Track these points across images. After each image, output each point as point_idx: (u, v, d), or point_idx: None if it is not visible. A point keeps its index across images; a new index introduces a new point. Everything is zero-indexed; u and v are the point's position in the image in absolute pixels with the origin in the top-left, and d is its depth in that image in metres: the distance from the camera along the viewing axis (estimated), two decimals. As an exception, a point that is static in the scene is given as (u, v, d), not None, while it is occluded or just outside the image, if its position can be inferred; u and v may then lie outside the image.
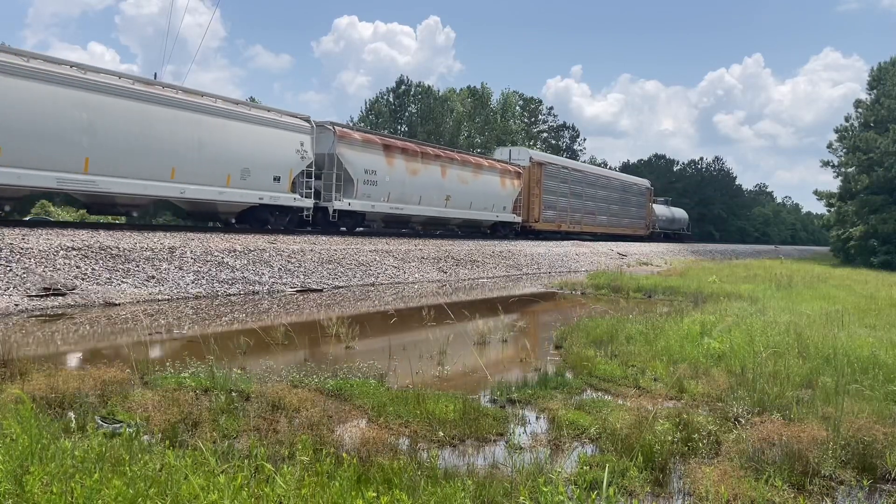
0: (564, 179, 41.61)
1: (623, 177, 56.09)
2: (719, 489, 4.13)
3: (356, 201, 24.71)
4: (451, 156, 31.02)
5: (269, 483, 3.52)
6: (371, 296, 16.49)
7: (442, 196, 29.41)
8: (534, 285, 22.01)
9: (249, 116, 20.88)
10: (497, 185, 33.86)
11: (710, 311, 12.19)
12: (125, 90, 17.13)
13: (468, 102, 64.70)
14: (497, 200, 34.06)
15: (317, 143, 23.19)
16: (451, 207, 30.26)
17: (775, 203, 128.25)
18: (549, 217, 39.55)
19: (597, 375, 7.53)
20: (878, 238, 40.00)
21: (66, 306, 11.54)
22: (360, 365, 7.88)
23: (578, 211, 43.47)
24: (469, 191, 31.36)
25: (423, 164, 28.21)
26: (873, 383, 6.66)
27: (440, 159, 29.63)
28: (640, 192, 55.20)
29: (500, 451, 5.13)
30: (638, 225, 54.00)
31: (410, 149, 27.89)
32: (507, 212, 35.03)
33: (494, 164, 34.74)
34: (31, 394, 5.15)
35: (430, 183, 28.50)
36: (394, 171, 26.36)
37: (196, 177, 18.87)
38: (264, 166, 21.09)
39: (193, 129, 18.73)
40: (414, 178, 27.50)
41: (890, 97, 43.13)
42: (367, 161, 25.16)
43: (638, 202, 54.10)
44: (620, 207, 50.50)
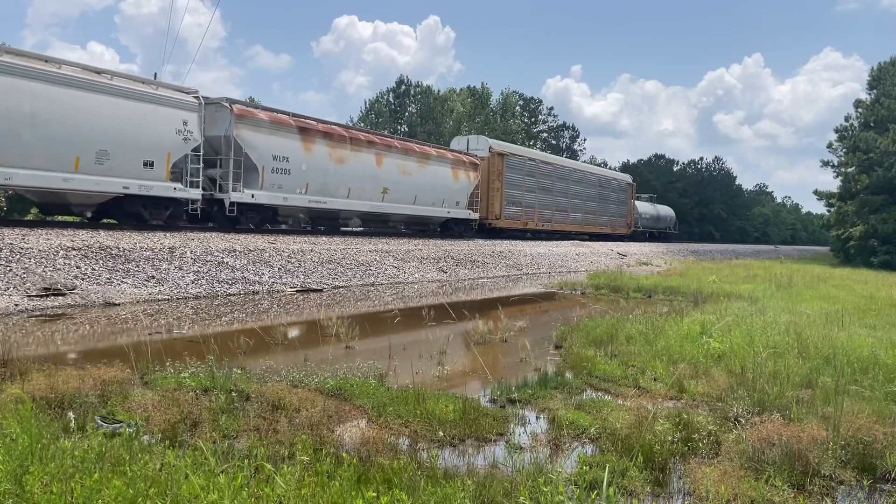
0: (531, 172, 37.68)
1: (600, 171, 52.51)
2: (719, 489, 4.13)
3: (262, 193, 20.92)
4: (390, 143, 27.04)
5: (269, 483, 3.52)
6: (371, 296, 16.49)
7: (377, 188, 25.62)
8: (534, 285, 22.00)
9: (110, 88, 16.88)
10: (448, 178, 29.99)
11: (710, 311, 12.19)
12: None
13: (468, 102, 64.71)
14: (448, 195, 30.07)
15: (210, 122, 19.62)
16: (391, 202, 26.42)
17: (775, 203, 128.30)
18: (513, 214, 35.80)
19: (597, 375, 7.53)
20: (878, 238, 40.02)
21: (66, 306, 11.54)
22: (360, 365, 7.88)
23: (548, 207, 39.62)
24: (413, 183, 27.56)
25: (353, 151, 24.40)
26: (873, 383, 6.66)
27: (375, 146, 25.78)
28: (621, 188, 51.92)
29: (500, 451, 5.13)
30: (618, 223, 50.86)
31: (336, 133, 24.02)
32: (460, 207, 31.18)
33: (445, 153, 30.75)
34: (31, 394, 5.15)
35: (361, 173, 24.74)
36: (313, 159, 22.60)
37: (28, 159, 15.10)
38: (130, 148, 17.20)
39: (24, 99, 14.97)
40: (341, 167, 23.74)
41: (890, 97, 43.14)
42: (277, 145, 21.33)
43: (618, 199, 50.87)
44: (598, 204, 47.09)
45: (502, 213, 34.73)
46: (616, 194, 50.48)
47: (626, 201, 52.40)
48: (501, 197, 34.54)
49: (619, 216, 51.32)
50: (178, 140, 18.33)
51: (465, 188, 31.57)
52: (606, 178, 50.18)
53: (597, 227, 46.91)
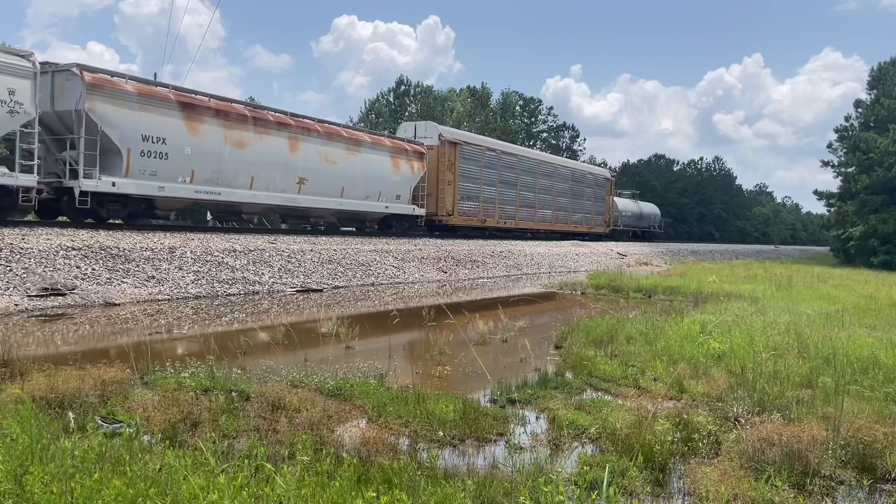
0: (490, 164, 33.81)
1: (573, 164, 48.43)
2: (719, 489, 4.13)
3: (127, 181, 17.21)
4: (308, 125, 22.97)
5: (269, 483, 3.52)
6: (371, 296, 16.49)
7: (290, 178, 21.95)
8: (534, 285, 22.01)
9: None
10: (386, 168, 26.24)
11: (710, 311, 12.19)
12: None
13: (468, 102, 64.73)
14: (386, 187, 26.30)
15: (60, 93, 16.40)
16: (310, 194, 22.72)
17: (775, 203, 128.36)
18: (468, 210, 31.88)
19: (597, 375, 7.53)
20: (878, 238, 40.03)
21: (66, 306, 11.54)
22: (360, 365, 7.88)
23: (511, 203, 35.78)
24: (339, 173, 23.87)
25: (258, 133, 20.74)
26: (873, 383, 6.65)
27: (287, 129, 21.94)
28: (598, 184, 47.84)
29: (500, 450, 5.13)
30: (595, 221, 46.89)
31: (233, 111, 20.15)
32: (402, 202, 27.45)
33: (382, 140, 27.04)
34: (31, 394, 5.15)
35: (269, 159, 21.13)
36: (201, 141, 18.85)
37: None
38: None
39: None
40: (240, 151, 20.07)
41: (890, 97, 43.15)
42: (149, 123, 17.66)
43: (595, 195, 46.89)
44: (571, 200, 43.05)
45: (455, 209, 30.64)
46: (592, 189, 46.51)
47: (604, 197, 48.64)
48: (454, 191, 30.53)
49: (596, 213, 47.41)
50: (2, 113, 14.78)
51: (408, 180, 27.68)
52: (581, 172, 45.97)
53: (570, 225, 43.08)
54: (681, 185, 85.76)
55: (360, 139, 25.68)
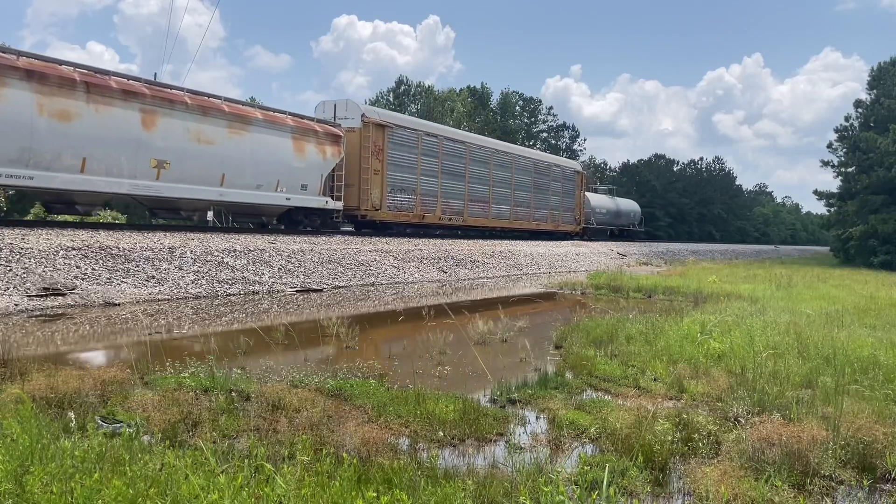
0: (430, 151, 29.33)
1: (536, 154, 42.93)
2: (719, 489, 4.13)
3: None
4: (170, 96, 18.37)
5: (270, 483, 3.52)
6: (371, 296, 16.49)
7: (144, 160, 17.64)
8: (534, 285, 22.00)
9: None
10: (286, 152, 21.91)
11: (710, 311, 12.19)
12: None
13: (468, 102, 64.73)
14: (287, 175, 21.93)
15: None
16: (173, 181, 18.25)
17: (775, 203, 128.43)
18: (402, 203, 27.49)
19: (597, 375, 7.53)
20: (878, 238, 40.01)
21: (66, 306, 11.54)
22: (360, 365, 7.88)
23: (458, 197, 31.45)
24: (218, 156, 19.46)
25: (93, 102, 16.42)
26: (873, 383, 6.65)
27: (139, 99, 17.50)
28: (566, 177, 42.93)
29: (500, 450, 5.13)
30: (563, 218, 42.35)
31: (55, 73, 15.81)
32: (309, 193, 22.94)
33: (279, 118, 22.18)
34: (31, 394, 5.15)
35: (110, 136, 16.78)
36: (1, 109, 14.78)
37: None
38: None
39: None
40: (65, 124, 15.83)
41: (890, 97, 43.14)
42: None
43: (563, 189, 42.27)
44: (533, 195, 38.44)
45: (384, 203, 26.35)
46: (559, 183, 41.77)
47: (574, 192, 44.01)
48: (382, 181, 26.26)
49: (565, 210, 42.75)
50: None
51: (318, 167, 23.21)
52: (545, 164, 40.88)
53: (532, 222, 38.60)
54: (681, 185, 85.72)
55: (249, 116, 20.86)
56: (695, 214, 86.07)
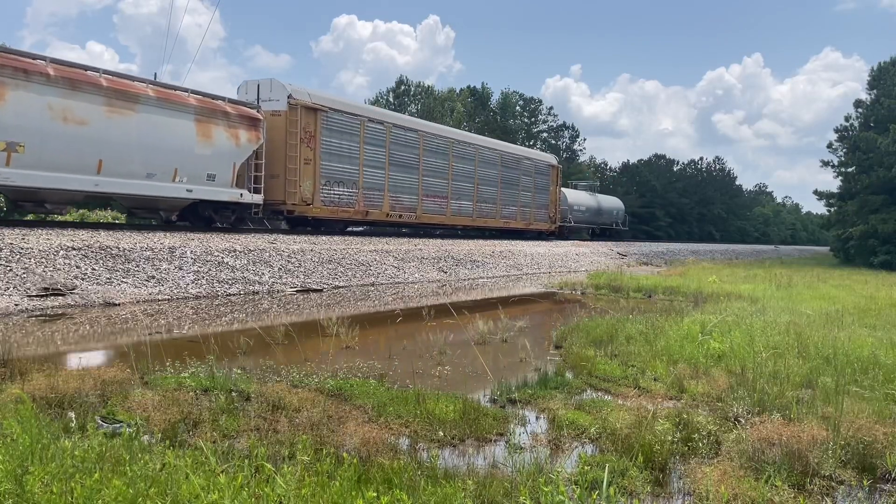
0: (376, 140, 26.24)
1: (504, 146, 38.52)
2: (719, 489, 4.13)
3: None
4: (24, 65, 15.27)
5: (270, 483, 3.52)
6: (371, 296, 16.50)
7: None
8: (534, 285, 22.01)
9: None
10: (188, 136, 18.67)
11: (710, 311, 12.19)
12: None
13: (468, 102, 64.73)
14: (188, 163, 18.71)
15: None
16: (29, 168, 15.25)
17: (775, 203, 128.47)
18: (339, 198, 24.37)
19: (597, 375, 7.53)
20: (878, 238, 39.99)
21: (66, 306, 11.54)
22: (360, 365, 7.88)
23: (410, 191, 28.33)
24: (93, 138, 16.40)
25: None
26: (873, 383, 6.66)
27: None
28: (539, 171, 39.65)
29: (500, 450, 5.13)
30: (536, 216, 39.18)
31: None
32: (218, 184, 19.76)
33: (177, 95, 18.81)
34: (31, 394, 5.15)
35: None
36: None
37: None
38: None
39: None
40: None
41: (890, 97, 43.14)
42: None
43: (536, 184, 39.17)
44: (501, 190, 35.51)
45: (317, 197, 23.36)
46: (530, 178, 38.58)
47: (548, 188, 40.63)
48: (315, 172, 23.16)
49: (538, 207, 39.46)
50: None
51: (230, 154, 20.05)
52: (514, 157, 37.46)
53: (499, 220, 35.68)
54: (681, 185, 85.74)
55: (135, 92, 17.56)
56: (695, 214, 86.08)
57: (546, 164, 41.13)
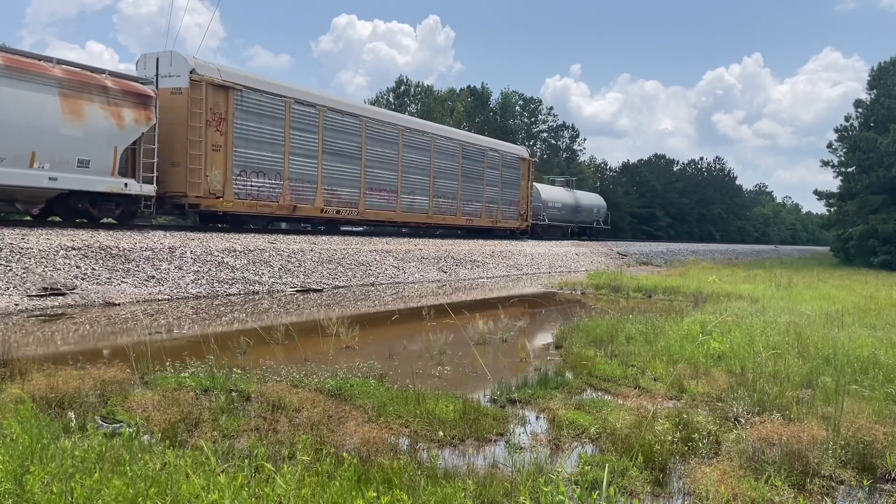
0: (306, 125, 22.96)
1: (466, 136, 34.88)
2: (719, 489, 4.13)
3: None
4: None
5: (270, 483, 3.52)
6: (371, 296, 16.50)
7: None
8: (534, 285, 22.01)
9: None
10: (50, 113, 15.55)
11: (710, 311, 12.19)
12: None
13: (468, 103, 64.72)
14: (52, 145, 15.58)
15: None
16: None
17: (775, 203, 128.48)
18: (257, 191, 21.14)
19: (597, 375, 7.53)
20: (878, 238, 40.00)
21: (65, 306, 11.54)
22: (360, 365, 7.88)
23: (350, 184, 24.87)
24: None
25: None
26: (873, 383, 6.65)
27: None
28: (508, 164, 36.28)
29: (500, 450, 5.13)
30: (504, 213, 35.93)
31: None
32: (94, 171, 16.55)
33: (37, 65, 15.64)
34: (31, 394, 5.15)
35: None
36: None
37: None
38: None
39: None
40: None
41: (890, 97, 43.15)
42: None
43: (504, 178, 35.84)
44: (462, 184, 32.12)
45: (229, 189, 20.12)
46: (497, 172, 35.23)
47: (519, 183, 37.38)
48: (227, 160, 20.01)
49: (507, 203, 36.23)
50: None
51: (108, 136, 16.83)
52: (477, 148, 34.02)
53: (459, 217, 32.13)
54: (681, 185, 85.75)
55: None
56: (695, 214, 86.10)
57: (515, 157, 37.50)
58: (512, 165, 36.97)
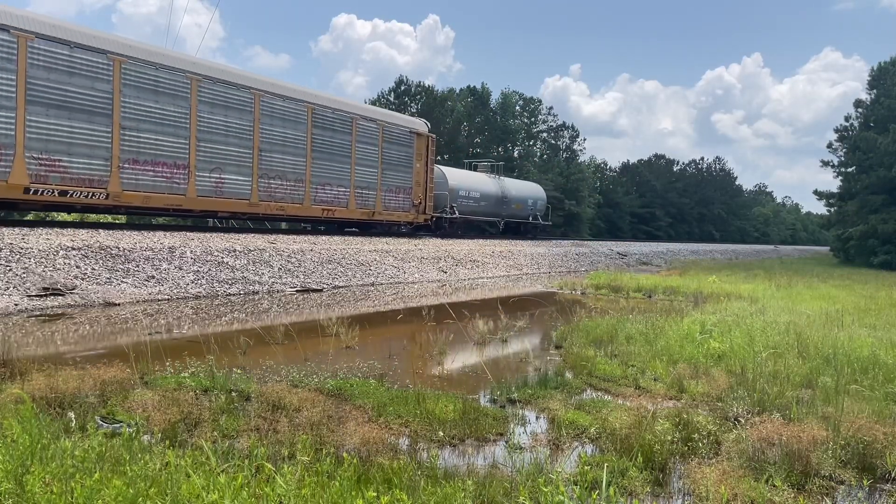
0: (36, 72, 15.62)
1: (318, 96, 24.91)
2: (719, 489, 4.13)
3: None
4: None
5: (270, 483, 3.52)
6: (371, 296, 16.49)
7: None
8: (534, 285, 22.01)
9: None
10: None
11: (710, 311, 12.19)
12: None
13: (468, 103, 64.67)
14: None
15: None
16: None
17: (775, 203, 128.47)
18: None
19: (597, 375, 7.53)
20: (878, 238, 39.99)
21: (65, 306, 11.54)
22: (360, 365, 7.88)
23: (86, 153, 16.78)
24: None
25: None
26: (873, 383, 6.66)
27: None
28: (393, 139, 27.58)
29: (500, 450, 5.13)
30: (389, 202, 27.46)
31: None
32: None
33: None
34: (31, 394, 5.15)
35: None
36: None
37: None
38: None
39: None
40: None
41: (890, 97, 43.14)
42: None
43: (387, 158, 27.19)
44: (317, 163, 23.89)
45: None
46: (374, 148, 26.44)
47: (410, 164, 28.55)
48: None
49: (391, 190, 27.54)
50: None
51: None
52: (341, 116, 25.09)
53: (307, 204, 23.55)
54: (681, 185, 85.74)
55: None
56: (695, 214, 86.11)
57: (406, 131, 28.37)
58: (400, 141, 28.03)
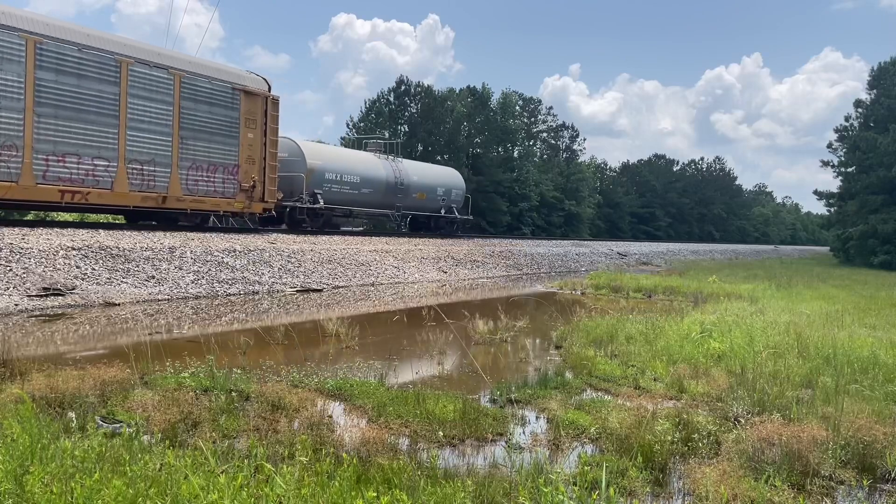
0: None
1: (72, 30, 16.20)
2: (719, 489, 4.13)
3: None
4: None
5: (269, 483, 3.52)
6: (371, 296, 16.49)
7: None
8: (534, 285, 22.00)
9: None
10: None
11: (710, 311, 12.19)
12: None
13: (468, 103, 64.65)
14: None
15: None
16: None
17: (775, 203, 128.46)
18: None
19: (597, 375, 7.53)
20: (878, 238, 40.00)
21: (65, 306, 11.54)
22: (360, 365, 7.88)
23: None
24: None
25: None
26: (873, 383, 6.66)
27: None
28: (201, 96, 19.06)
29: (499, 451, 5.13)
30: (198, 186, 19.14)
31: None
32: None
33: None
34: (31, 394, 5.15)
35: None
36: None
37: None
38: None
39: None
40: None
41: (890, 97, 43.14)
42: None
43: (196, 123, 19.02)
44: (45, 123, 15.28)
45: None
46: (167, 107, 18.18)
47: (234, 132, 20.22)
48: None
49: (201, 168, 19.30)
50: None
51: None
52: (105, 57, 16.61)
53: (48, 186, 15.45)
54: (681, 185, 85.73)
55: None
56: (695, 214, 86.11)
57: (226, 87, 20.08)
58: (214, 100, 19.67)
